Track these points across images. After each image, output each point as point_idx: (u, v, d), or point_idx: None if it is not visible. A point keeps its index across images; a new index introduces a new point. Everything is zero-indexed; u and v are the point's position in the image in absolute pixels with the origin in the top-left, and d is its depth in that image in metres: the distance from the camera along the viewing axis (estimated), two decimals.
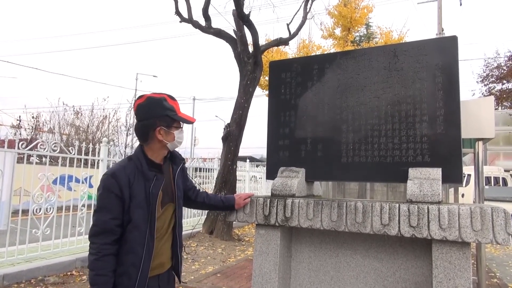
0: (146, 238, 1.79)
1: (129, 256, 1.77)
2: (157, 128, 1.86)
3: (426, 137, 2.12)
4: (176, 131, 1.91)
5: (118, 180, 1.76)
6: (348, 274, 2.24)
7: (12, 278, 4.55)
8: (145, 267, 1.78)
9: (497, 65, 18.81)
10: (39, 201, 5.26)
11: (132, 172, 1.81)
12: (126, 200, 1.77)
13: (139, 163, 1.84)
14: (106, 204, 1.76)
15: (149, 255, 1.79)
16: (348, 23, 16.44)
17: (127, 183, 1.77)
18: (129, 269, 1.76)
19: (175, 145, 1.96)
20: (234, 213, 2.35)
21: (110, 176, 1.79)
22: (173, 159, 2.04)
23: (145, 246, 1.78)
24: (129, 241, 1.77)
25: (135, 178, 1.80)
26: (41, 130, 17.68)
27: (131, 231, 1.78)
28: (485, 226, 1.73)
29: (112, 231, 1.75)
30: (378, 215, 1.94)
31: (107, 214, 1.75)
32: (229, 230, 8.13)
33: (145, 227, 1.79)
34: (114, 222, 1.75)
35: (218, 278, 5.26)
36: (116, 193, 1.75)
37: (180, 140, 1.96)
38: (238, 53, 8.53)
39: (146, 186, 1.82)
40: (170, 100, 1.91)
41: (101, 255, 1.72)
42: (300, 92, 2.53)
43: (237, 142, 8.40)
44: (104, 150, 6.28)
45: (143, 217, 1.79)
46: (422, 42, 2.21)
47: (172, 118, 1.89)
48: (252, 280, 2.32)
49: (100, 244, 1.73)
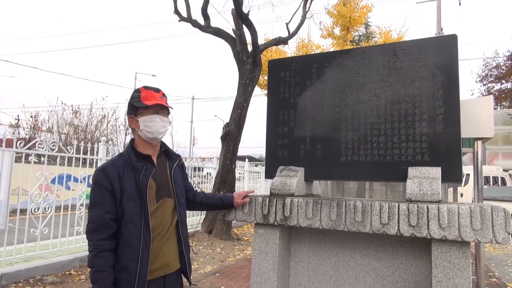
0: (142, 230, 1.77)
1: (125, 249, 1.76)
2: (128, 117, 1.93)
3: (425, 136, 2.12)
4: (141, 118, 1.86)
5: (107, 175, 1.78)
6: (347, 273, 2.23)
7: (10, 277, 4.53)
8: (144, 260, 1.75)
9: (496, 65, 18.81)
10: (38, 201, 5.24)
11: (122, 166, 1.83)
12: (117, 193, 1.78)
13: (127, 157, 1.87)
14: (99, 199, 1.77)
15: (146, 248, 1.77)
16: (347, 22, 16.43)
17: (117, 177, 1.79)
18: (128, 263, 1.74)
19: (144, 134, 1.87)
20: (233, 212, 2.34)
21: (100, 171, 1.81)
22: (168, 155, 2.03)
23: (141, 239, 1.76)
24: (124, 235, 1.77)
25: (125, 171, 1.82)
26: (39, 129, 17.63)
27: (125, 224, 1.77)
28: (484, 226, 1.73)
29: (107, 226, 1.75)
30: (377, 214, 1.93)
31: (101, 208, 1.76)
32: (228, 230, 8.13)
33: (140, 220, 1.78)
34: (108, 216, 1.75)
35: (217, 277, 5.25)
36: (106, 187, 1.77)
37: (149, 129, 1.85)
38: (237, 53, 8.52)
39: (136, 178, 1.82)
40: (142, 90, 1.91)
41: (98, 251, 1.72)
42: (299, 91, 2.53)
43: (236, 142, 8.39)
44: (103, 149, 6.26)
45: (135, 209, 1.78)
46: (421, 41, 2.21)
47: (134, 106, 1.88)
48: (251, 280, 2.31)
49: (97, 240, 1.73)
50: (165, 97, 1.97)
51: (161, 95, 1.94)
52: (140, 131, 1.89)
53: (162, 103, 1.90)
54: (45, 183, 5.29)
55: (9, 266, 4.75)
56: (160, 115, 1.90)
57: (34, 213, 5.15)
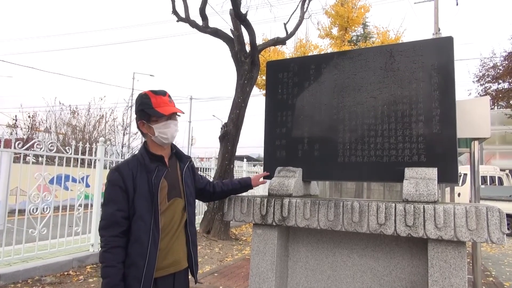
0: (151, 228, 1.81)
1: (134, 245, 1.80)
2: (139, 122, 1.96)
3: (422, 137, 2.14)
4: (155, 125, 1.90)
5: (121, 174, 1.84)
6: (344, 273, 2.25)
7: (8, 278, 4.53)
8: (152, 257, 1.79)
9: (493, 65, 18.88)
10: (36, 201, 5.23)
11: (135, 166, 1.89)
12: (130, 192, 1.82)
13: (141, 157, 1.92)
14: (112, 197, 1.83)
15: (155, 245, 1.81)
16: (345, 22, 16.46)
17: (130, 176, 1.84)
18: (136, 259, 1.78)
19: (159, 140, 1.93)
20: (232, 212, 2.36)
21: (114, 170, 1.87)
22: (179, 157, 2.08)
23: (150, 236, 1.80)
24: (134, 232, 1.81)
25: (138, 171, 1.87)
26: (37, 130, 17.59)
27: (136, 221, 1.81)
28: (480, 226, 1.75)
29: (118, 223, 1.79)
30: (374, 214, 1.95)
31: (113, 206, 1.81)
32: (226, 230, 8.14)
33: (150, 218, 1.82)
34: (120, 213, 1.80)
35: (215, 277, 5.26)
36: (120, 186, 1.82)
37: (164, 135, 1.91)
38: (235, 53, 8.53)
39: (149, 178, 1.87)
40: (152, 95, 1.93)
41: (109, 247, 1.76)
42: (297, 92, 2.54)
43: (234, 142, 8.40)
44: (101, 149, 6.26)
45: (147, 207, 1.83)
46: (418, 43, 2.23)
47: (147, 113, 1.91)
48: (249, 280, 2.33)
49: (108, 236, 1.78)
50: (171, 99, 2.01)
51: (170, 98, 1.98)
52: (154, 137, 1.93)
53: (177, 111, 1.97)
54: (44, 184, 5.29)
55: (7, 266, 4.75)
56: (174, 120, 1.96)
57: (33, 213, 5.15)
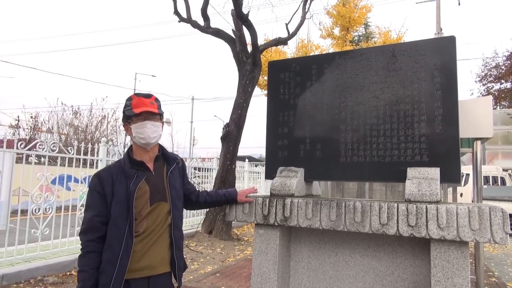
0: (125, 235, 1.79)
1: (106, 252, 1.80)
2: (123, 125, 1.98)
3: (424, 136, 2.13)
4: (132, 125, 1.90)
5: (100, 179, 1.87)
6: (347, 273, 2.25)
7: (11, 278, 4.54)
8: (122, 265, 1.77)
9: (496, 65, 18.84)
10: (38, 201, 5.25)
11: (116, 171, 1.90)
12: (108, 197, 1.84)
13: (123, 163, 1.94)
14: (91, 202, 1.86)
15: (127, 253, 1.78)
16: (347, 22, 16.46)
17: (110, 182, 1.86)
18: (106, 266, 1.78)
19: (138, 141, 1.91)
20: (234, 213, 2.36)
21: (95, 176, 1.90)
22: (166, 159, 2.05)
23: (123, 243, 1.78)
24: (108, 238, 1.81)
25: (118, 176, 1.88)
26: (39, 130, 17.64)
27: (110, 227, 1.82)
28: (483, 226, 1.74)
29: (96, 228, 1.81)
30: (376, 214, 1.95)
31: (91, 211, 1.84)
32: (228, 230, 8.14)
33: (124, 224, 1.80)
34: (98, 219, 1.81)
35: (217, 277, 5.26)
36: (98, 191, 1.85)
37: (140, 135, 1.88)
38: (237, 53, 8.53)
39: (127, 184, 1.86)
40: (134, 97, 1.93)
41: (84, 252, 1.80)
42: (299, 92, 2.54)
43: (236, 142, 8.40)
44: (103, 150, 6.28)
45: (121, 213, 1.81)
46: (420, 42, 2.22)
47: (126, 114, 1.93)
48: (251, 280, 2.33)
49: (85, 241, 1.81)
50: (158, 102, 1.96)
51: (152, 100, 1.94)
52: (134, 138, 1.93)
53: (150, 109, 1.89)
54: (46, 184, 5.31)
55: (10, 266, 4.77)
56: (150, 120, 1.90)
57: (35, 213, 5.17)
